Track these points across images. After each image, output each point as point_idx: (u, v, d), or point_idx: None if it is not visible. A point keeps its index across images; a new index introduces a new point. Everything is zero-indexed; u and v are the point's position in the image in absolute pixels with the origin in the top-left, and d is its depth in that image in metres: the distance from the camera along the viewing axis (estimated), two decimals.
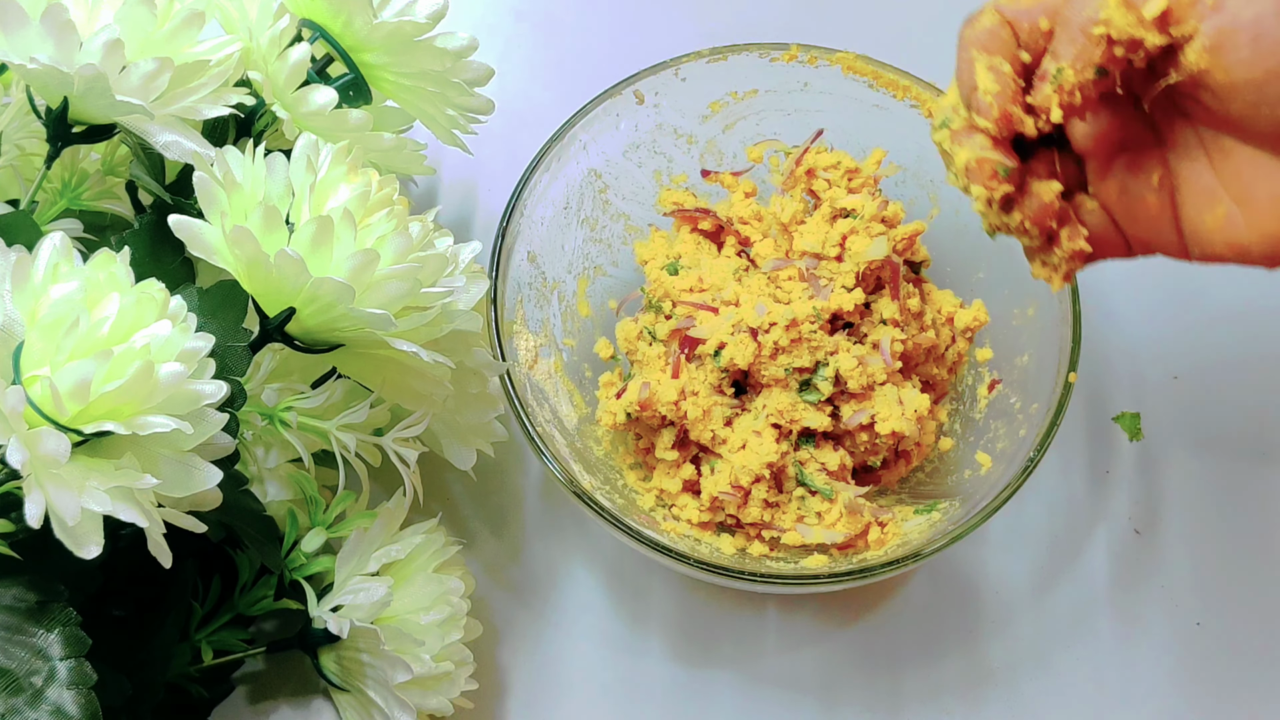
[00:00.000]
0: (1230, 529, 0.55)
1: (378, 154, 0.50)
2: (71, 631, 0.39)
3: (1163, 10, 0.37)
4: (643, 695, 0.52)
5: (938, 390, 0.55)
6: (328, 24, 0.49)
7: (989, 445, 0.52)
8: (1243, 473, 0.56)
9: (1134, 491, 0.56)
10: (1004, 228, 0.42)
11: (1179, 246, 0.41)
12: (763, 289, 0.52)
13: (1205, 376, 0.59)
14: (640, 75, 0.55)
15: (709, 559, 0.48)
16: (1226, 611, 0.54)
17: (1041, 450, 0.48)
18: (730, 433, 0.51)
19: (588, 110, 0.55)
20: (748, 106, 0.57)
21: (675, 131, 0.58)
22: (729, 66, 0.56)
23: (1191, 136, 0.40)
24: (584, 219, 0.57)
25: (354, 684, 0.46)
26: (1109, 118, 0.41)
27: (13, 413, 0.35)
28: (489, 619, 0.53)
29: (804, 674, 0.53)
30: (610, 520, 0.47)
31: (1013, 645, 0.53)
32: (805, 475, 0.50)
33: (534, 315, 0.54)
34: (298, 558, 0.48)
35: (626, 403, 0.51)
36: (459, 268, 0.45)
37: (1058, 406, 0.48)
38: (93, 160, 0.50)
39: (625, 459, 0.54)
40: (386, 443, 0.46)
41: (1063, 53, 0.38)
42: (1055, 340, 0.50)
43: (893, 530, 0.50)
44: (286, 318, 0.42)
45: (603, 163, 0.57)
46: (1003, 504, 0.47)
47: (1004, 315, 0.54)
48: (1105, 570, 0.55)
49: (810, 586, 0.48)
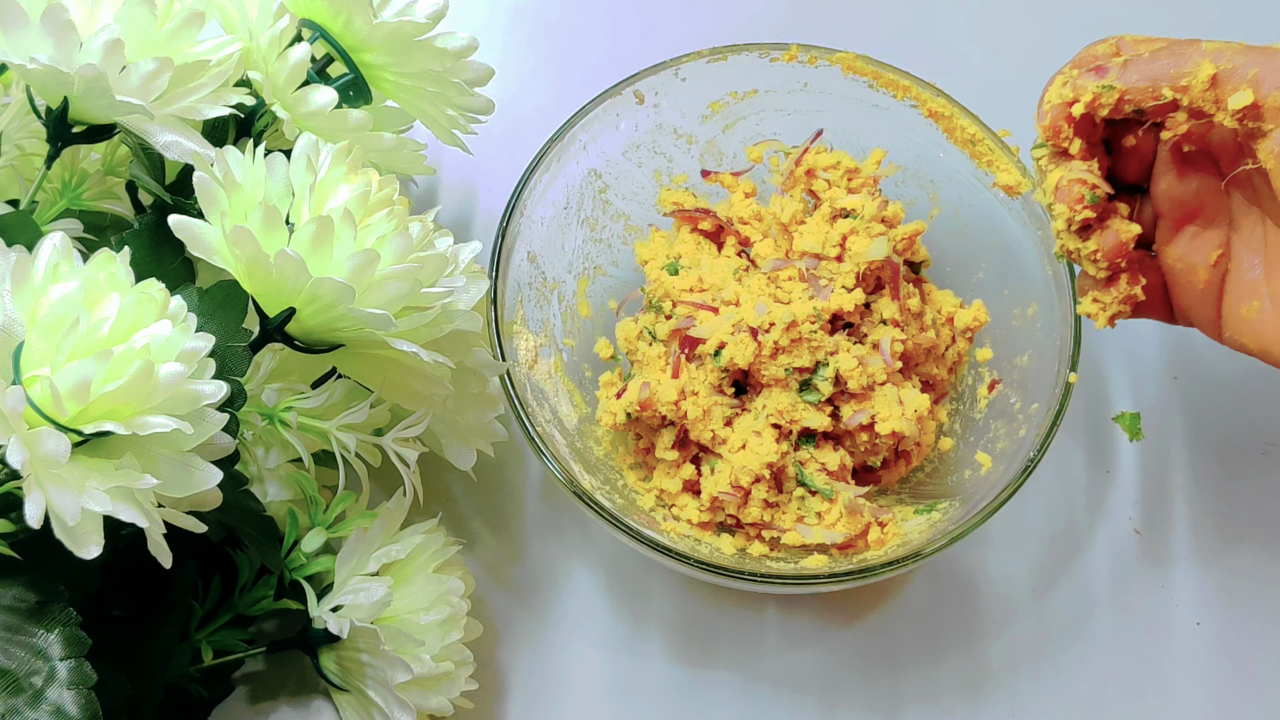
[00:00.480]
0: (1230, 529, 0.55)
1: (378, 154, 0.50)
2: (71, 631, 0.39)
3: (1246, 105, 0.38)
4: (642, 695, 0.52)
5: (938, 390, 0.55)
6: (328, 24, 0.49)
7: (989, 445, 0.52)
8: (1243, 472, 0.56)
9: (1134, 491, 0.56)
10: (1075, 254, 0.43)
11: (1215, 327, 0.42)
12: (763, 289, 0.52)
13: (1205, 376, 0.59)
14: (640, 75, 0.55)
15: (709, 559, 0.48)
16: (1226, 611, 0.54)
17: (1042, 450, 0.48)
18: (730, 433, 0.51)
19: (588, 110, 0.55)
20: (748, 106, 0.57)
21: (675, 131, 0.58)
22: (729, 66, 0.56)
23: (1259, 227, 0.41)
24: (584, 219, 0.57)
25: (354, 684, 0.46)
26: (1191, 184, 0.42)
27: (13, 413, 0.35)
28: (489, 619, 0.53)
29: (804, 674, 0.53)
30: (610, 520, 0.47)
31: (1013, 645, 0.53)
32: (805, 475, 0.50)
33: (534, 315, 0.54)
34: (298, 558, 0.48)
35: (626, 403, 0.51)
36: (459, 268, 0.45)
37: (1058, 407, 0.48)
38: (93, 160, 0.50)
39: (625, 459, 0.54)
40: (386, 443, 0.46)
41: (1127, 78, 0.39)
42: (1055, 340, 0.51)
43: (893, 530, 0.50)
44: (286, 318, 0.42)
45: (603, 163, 0.57)
46: (1003, 504, 0.47)
47: (1004, 315, 0.54)
48: (1105, 570, 0.55)
49: (810, 586, 0.48)
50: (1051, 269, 0.51)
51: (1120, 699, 0.52)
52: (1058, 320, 0.51)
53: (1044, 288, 0.52)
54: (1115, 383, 0.58)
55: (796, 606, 0.54)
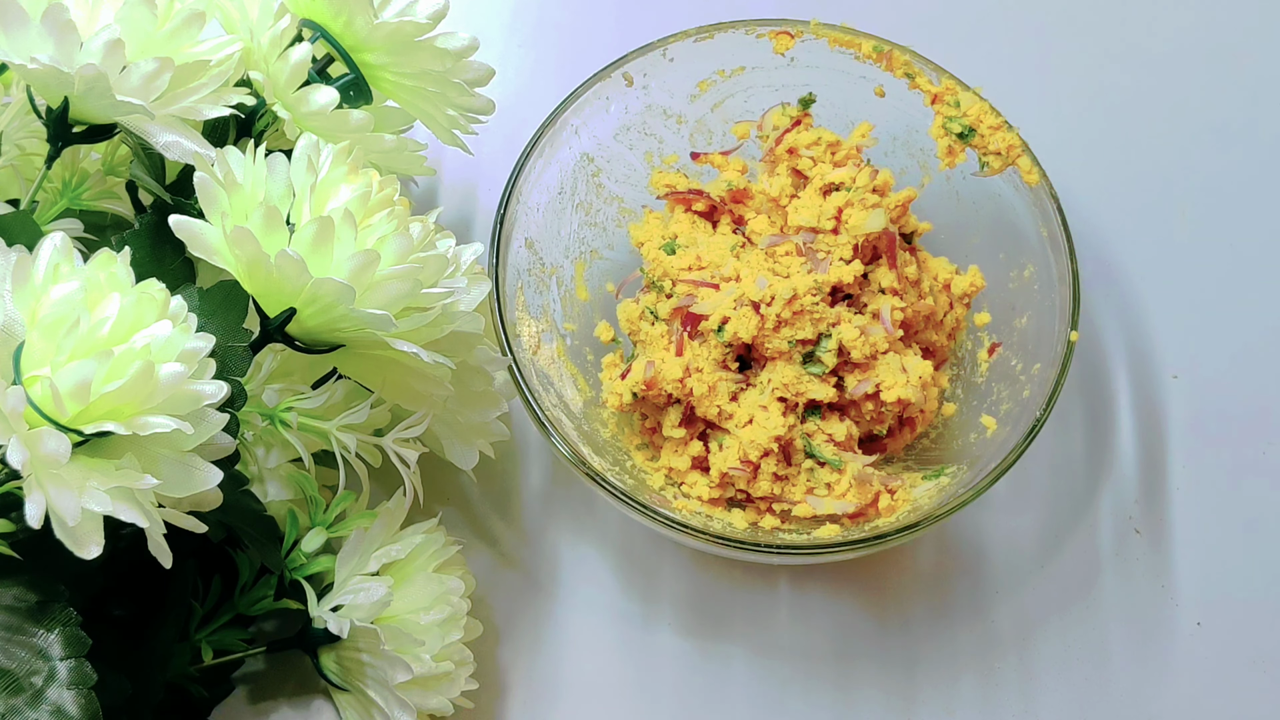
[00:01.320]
0: (1231, 528, 0.55)
1: (378, 154, 0.50)
2: (71, 631, 0.39)
3: None
4: (647, 694, 0.52)
5: (938, 357, 0.55)
6: (328, 24, 0.49)
7: (993, 408, 0.52)
8: (1243, 472, 0.56)
9: (1134, 491, 0.56)
10: None
11: None
12: (761, 264, 0.52)
13: (1205, 376, 0.59)
14: (629, 57, 0.56)
15: (723, 533, 0.48)
16: (1226, 611, 0.54)
17: (1047, 409, 0.48)
18: (736, 408, 0.51)
19: (578, 95, 0.55)
20: (736, 84, 0.58)
21: (665, 112, 0.58)
22: (716, 45, 0.56)
23: None
24: (578, 203, 0.57)
25: (354, 684, 0.46)
26: None
27: (13, 413, 0.35)
28: (489, 619, 0.53)
29: (817, 645, 0.53)
30: (625, 500, 0.47)
31: (1022, 611, 0.54)
32: (813, 447, 0.51)
33: (534, 301, 0.54)
34: (298, 558, 0.48)
35: (632, 383, 0.52)
36: (460, 269, 0.46)
37: (1061, 365, 0.48)
38: (93, 160, 0.50)
39: (632, 440, 0.54)
40: (387, 443, 0.46)
41: None
42: (1054, 301, 0.51)
43: (903, 497, 0.50)
44: (287, 318, 0.42)
45: (594, 146, 0.57)
46: (1011, 465, 0.47)
47: (1000, 279, 0.54)
48: (1105, 571, 0.55)
49: (824, 556, 0.48)
50: (1046, 230, 0.52)
51: (1121, 700, 0.52)
52: (1055, 280, 0.51)
53: (1039, 249, 0.52)
54: (1115, 382, 0.58)
55: (808, 579, 0.54)
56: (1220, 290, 0.60)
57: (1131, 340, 0.59)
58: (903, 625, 0.53)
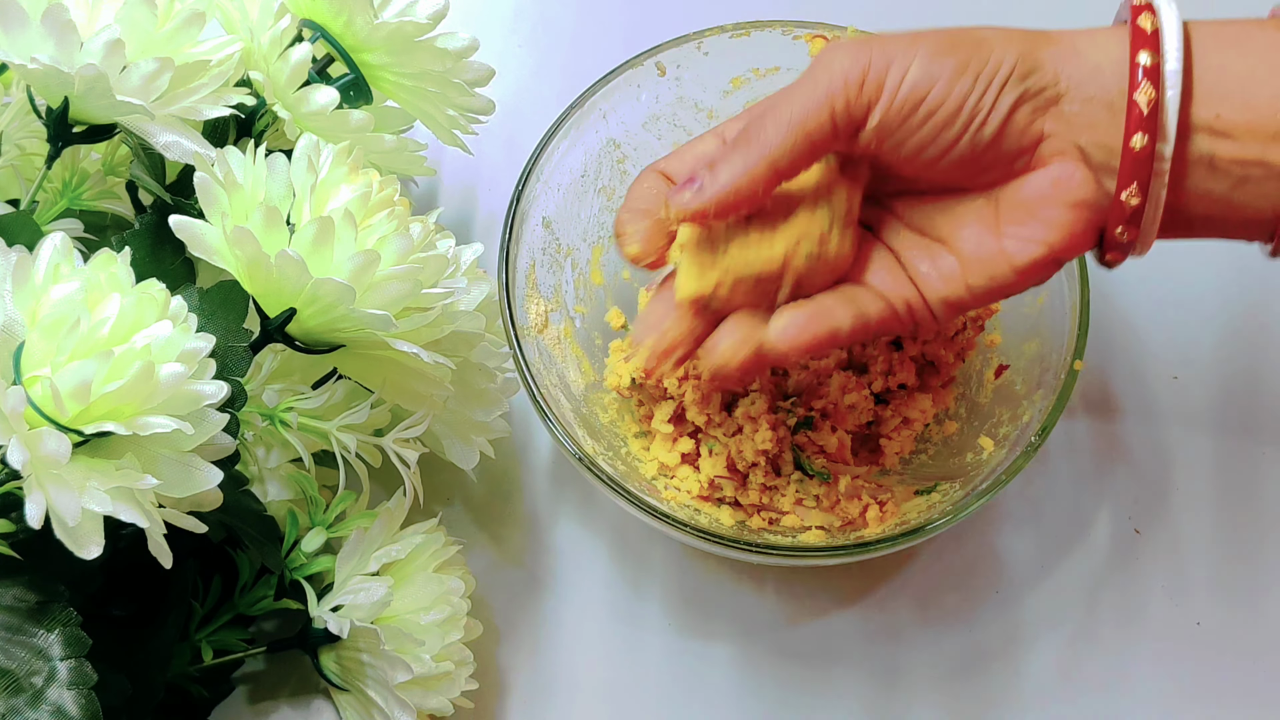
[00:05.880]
0: (1230, 528, 0.55)
1: (379, 155, 0.51)
2: (71, 631, 0.39)
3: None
4: (645, 693, 0.52)
5: (943, 374, 0.55)
6: (328, 24, 0.49)
7: (993, 430, 0.52)
8: (1243, 472, 0.56)
9: (1134, 490, 0.56)
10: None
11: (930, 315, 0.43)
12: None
13: (1205, 376, 0.59)
14: (662, 47, 0.55)
15: (708, 528, 0.48)
16: (1226, 611, 0.54)
17: (1044, 435, 0.48)
18: (726, 416, 0.51)
19: (608, 79, 0.55)
20: (769, 83, 0.57)
21: (696, 105, 0.58)
22: (751, 42, 0.56)
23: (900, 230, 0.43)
24: (601, 188, 0.57)
25: (354, 684, 0.46)
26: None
27: (13, 413, 0.35)
28: (489, 619, 0.53)
29: (802, 648, 0.53)
30: (610, 485, 0.47)
31: (1010, 629, 0.53)
32: (803, 460, 0.51)
33: (546, 280, 0.54)
34: (298, 558, 0.48)
35: (634, 366, 0.52)
36: (460, 269, 0.46)
37: (1061, 392, 0.48)
38: (93, 160, 0.50)
39: (630, 427, 0.54)
40: (387, 443, 0.46)
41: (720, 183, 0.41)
42: (1064, 329, 0.51)
43: (891, 510, 0.50)
44: (287, 318, 0.42)
45: (622, 133, 0.57)
46: (1001, 487, 0.47)
47: (1015, 304, 0.54)
48: (1105, 571, 0.55)
49: (808, 559, 0.48)
50: None
51: (1120, 699, 0.52)
52: (1066, 310, 0.51)
53: (1054, 279, 0.52)
54: (1116, 382, 0.58)
55: (796, 582, 0.54)
56: (1220, 290, 0.60)
57: (1131, 340, 0.59)
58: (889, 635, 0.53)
